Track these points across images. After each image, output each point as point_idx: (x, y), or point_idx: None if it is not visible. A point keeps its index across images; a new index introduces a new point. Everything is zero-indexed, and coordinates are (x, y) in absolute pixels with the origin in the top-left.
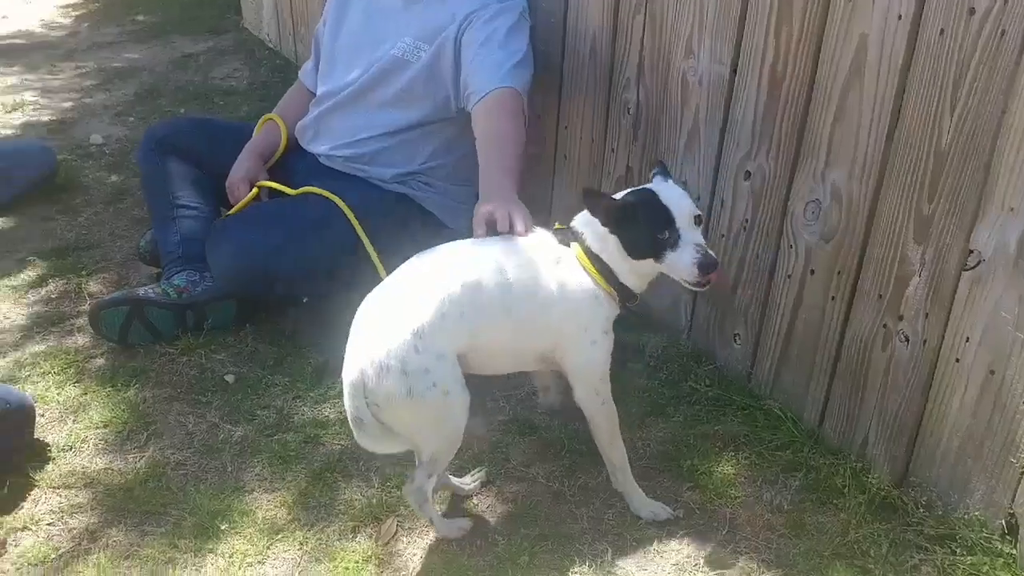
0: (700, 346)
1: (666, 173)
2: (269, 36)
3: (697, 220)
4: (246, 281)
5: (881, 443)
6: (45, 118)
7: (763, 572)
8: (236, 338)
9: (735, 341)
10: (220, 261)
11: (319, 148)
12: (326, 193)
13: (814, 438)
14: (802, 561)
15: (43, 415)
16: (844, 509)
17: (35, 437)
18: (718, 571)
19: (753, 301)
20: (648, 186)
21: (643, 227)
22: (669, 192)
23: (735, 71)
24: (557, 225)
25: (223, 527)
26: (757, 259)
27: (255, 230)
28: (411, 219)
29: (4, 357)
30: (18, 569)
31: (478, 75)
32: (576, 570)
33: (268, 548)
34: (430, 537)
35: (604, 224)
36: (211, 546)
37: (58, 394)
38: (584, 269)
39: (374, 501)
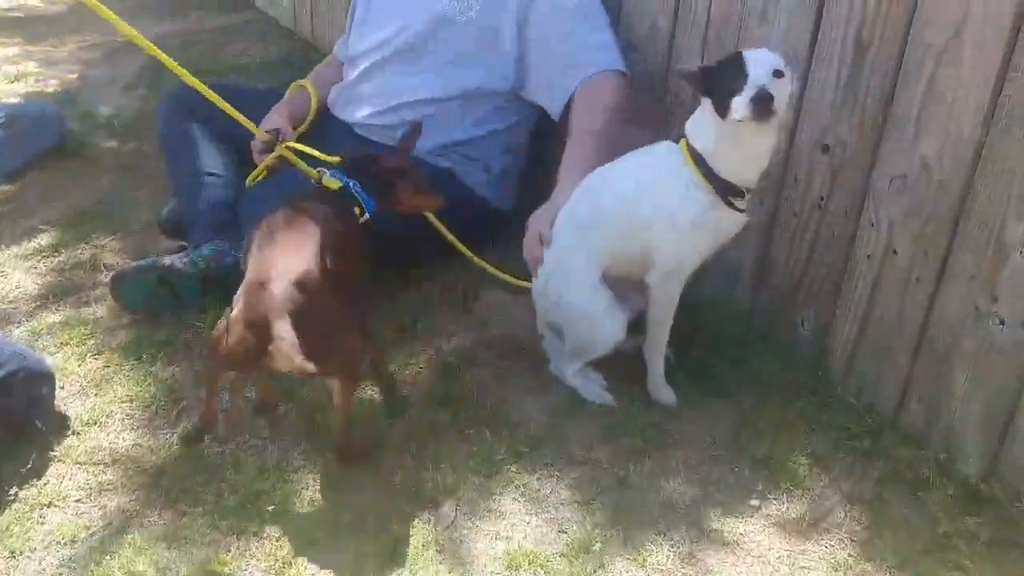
0: (764, 330)
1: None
2: (284, 14)
3: (777, 74)
4: None
5: (969, 432)
6: (50, 89)
7: (851, 567)
8: None
9: (802, 325)
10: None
11: (354, 116)
12: None
13: (892, 426)
14: (891, 556)
15: (63, 388)
16: (931, 501)
17: (56, 410)
18: (803, 565)
19: (824, 285)
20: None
21: (723, 80)
22: (759, 50)
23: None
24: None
25: (269, 508)
26: (833, 238)
27: None
28: (453, 195)
29: (18, 327)
30: (47, 547)
31: (581, 53)
32: (653, 560)
33: (318, 533)
34: (492, 524)
35: (699, 91)
36: (255, 528)
37: (78, 366)
38: (683, 161)
39: (427, 484)
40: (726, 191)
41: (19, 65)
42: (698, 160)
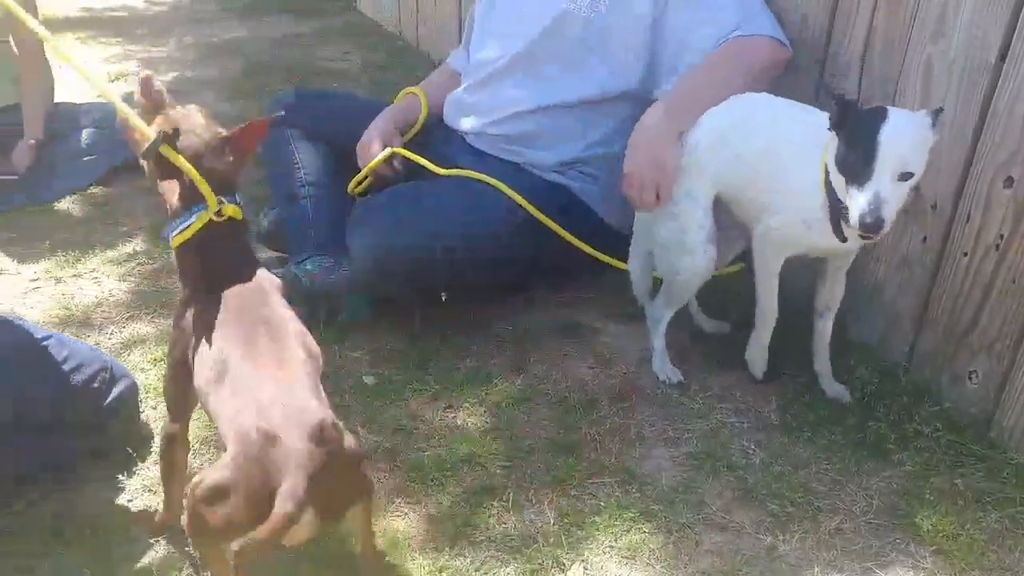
0: (922, 383)
1: (935, 115)
2: (388, 17)
3: (903, 176)
4: (388, 272)
5: None
6: None
7: None
8: (373, 334)
9: (970, 379)
10: (361, 249)
11: (467, 125)
12: (485, 178)
13: None
14: None
15: (156, 408)
16: None
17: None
18: None
19: (1002, 334)
20: (894, 109)
21: (852, 142)
22: (902, 125)
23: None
24: None
25: None
26: (1014, 284)
27: (402, 217)
28: (570, 214)
29: (109, 338)
30: None
31: (724, 13)
32: None
33: None
34: None
35: (832, 124)
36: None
37: None
38: (821, 158)
39: (551, 540)
40: (838, 214)
41: (119, 65)
42: (829, 173)
